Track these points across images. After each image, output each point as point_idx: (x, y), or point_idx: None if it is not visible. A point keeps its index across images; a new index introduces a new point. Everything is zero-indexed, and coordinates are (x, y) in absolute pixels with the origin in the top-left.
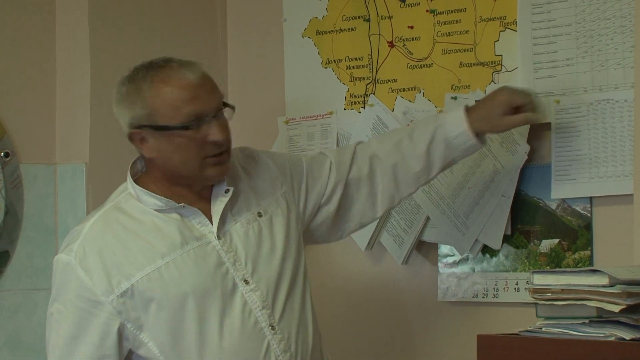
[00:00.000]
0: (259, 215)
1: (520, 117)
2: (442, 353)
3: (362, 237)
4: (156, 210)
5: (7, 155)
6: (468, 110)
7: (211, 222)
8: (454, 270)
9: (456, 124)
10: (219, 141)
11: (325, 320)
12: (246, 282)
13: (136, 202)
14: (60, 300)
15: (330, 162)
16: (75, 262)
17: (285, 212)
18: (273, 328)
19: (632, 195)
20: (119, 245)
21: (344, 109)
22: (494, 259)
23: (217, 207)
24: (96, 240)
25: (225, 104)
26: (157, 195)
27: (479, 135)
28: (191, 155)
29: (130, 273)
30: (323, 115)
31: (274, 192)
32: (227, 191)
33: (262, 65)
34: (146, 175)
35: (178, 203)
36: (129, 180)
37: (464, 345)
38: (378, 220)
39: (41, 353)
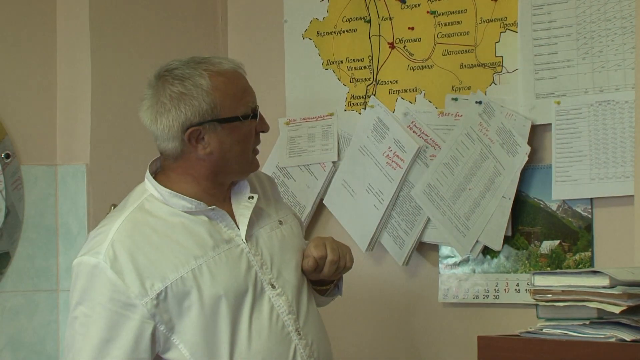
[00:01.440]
0: (280, 223)
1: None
2: (443, 354)
3: (362, 238)
4: (184, 212)
5: (7, 156)
6: None
7: (237, 226)
8: (454, 271)
9: None
10: (267, 130)
11: (325, 321)
12: (273, 286)
13: (161, 204)
14: (87, 303)
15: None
16: (106, 265)
17: (299, 226)
18: (299, 333)
19: (632, 196)
20: (150, 247)
21: (345, 110)
22: (495, 260)
23: (243, 211)
24: (126, 242)
25: None
26: (187, 198)
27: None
28: (248, 146)
29: (164, 275)
30: (324, 116)
31: (288, 207)
32: (250, 197)
33: (262, 66)
34: (166, 175)
35: (209, 205)
36: (152, 182)
37: (465, 346)
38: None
39: (43, 354)
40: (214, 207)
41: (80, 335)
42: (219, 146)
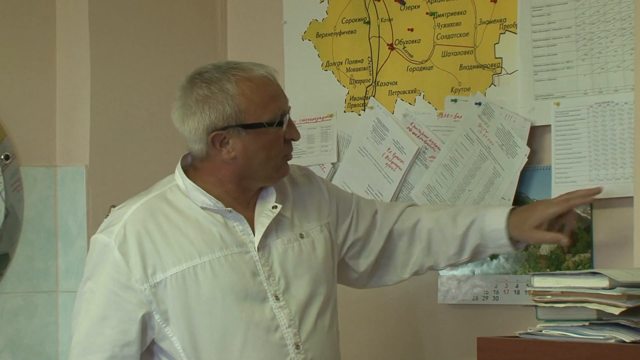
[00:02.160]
0: (301, 236)
1: (549, 236)
2: (442, 355)
3: None
4: (202, 207)
5: (7, 157)
6: (513, 211)
7: (253, 232)
8: (454, 272)
9: (495, 220)
10: (296, 139)
11: None
12: (277, 298)
13: (182, 196)
14: (94, 280)
15: (376, 210)
16: (114, 245)
17: (327, 239)
18: (297, 347)
19: (632, 197)
20: (159, 235)
21: (344, 112)
22: (494, 261)
23: (262, 219)
24: (137, 226)
25: None
26: (207, 194)
27: (515, 239)
28: (274, 153)
29: (166, 266)
30: (323, 117)
31: (319, 218)
32: (274, 207)
33: None
34: (196, 172)
35: (226, 207)
36: (181, 173)
37: (464, 347)
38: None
39: (42, 356)
40: (230, 209)
41: (84, 311)
42: (243, 151)
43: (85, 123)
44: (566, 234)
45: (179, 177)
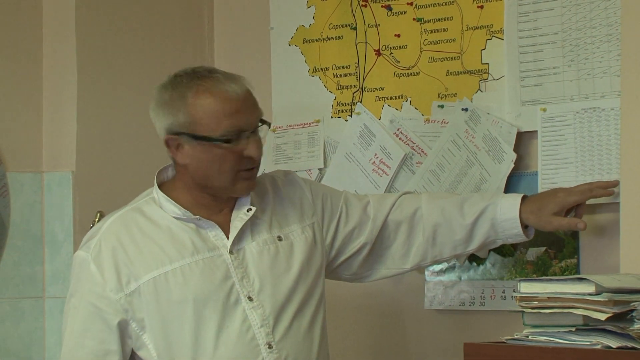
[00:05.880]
0: (279, 239)
1: (565, 221)
2: None
3: None
4: (174, 217)
5: None
6: (524, 199)
7: (227, 236)
8: (440, 278)
9: (508, 209)
10: (254, 157)
11: None
12: (250, 299)
13: (157, 208)
14: (77, 295)
15: (368, 202)
16: (90, 259)
17: (310, 241)
18: (270, 347)
19: (618, 203)
20: (132, 246)
21: (331, 117)
22: (481, 267)
23: (237, 223)
24: (111, 238)
25: (263, 121)
26: (177, 204)
27: (527, 227)
28: (226, 168)
29: (138, 274)
30: (310, 123)
31: (302, 220)
32: (249, 210)
33: (249, 73)
34: (173, 181)
35: (194, 215)
36: (155, 186)
37: (451, 353)
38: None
39: None
40: (198, 217)
41: (69, 326)
42: (194, 160)
43: (71, 129)
44: (581, 218)
45: (154, 189)
